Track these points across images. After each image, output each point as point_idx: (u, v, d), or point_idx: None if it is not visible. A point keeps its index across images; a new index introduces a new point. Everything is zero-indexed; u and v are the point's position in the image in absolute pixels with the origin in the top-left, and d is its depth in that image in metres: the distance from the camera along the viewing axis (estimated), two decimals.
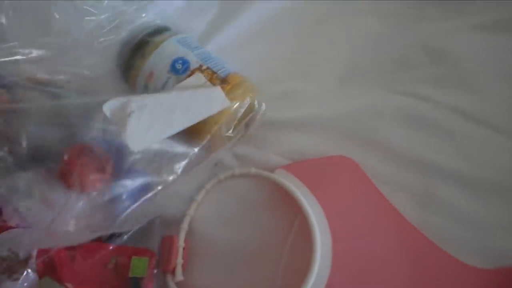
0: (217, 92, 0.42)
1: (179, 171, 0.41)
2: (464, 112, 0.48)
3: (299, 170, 0.45)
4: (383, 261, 0.41)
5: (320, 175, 0.45)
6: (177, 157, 0.41)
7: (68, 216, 0.41)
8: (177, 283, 0.43)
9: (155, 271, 0.42)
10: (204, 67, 0.44)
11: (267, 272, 0.44)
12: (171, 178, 0.41)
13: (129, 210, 0.41)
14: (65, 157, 0.40)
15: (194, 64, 0.44)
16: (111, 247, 0.42)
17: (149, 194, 0.42)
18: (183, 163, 0.41)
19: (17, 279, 0.38)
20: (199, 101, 0.40)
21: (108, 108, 0.37)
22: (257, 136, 0.49)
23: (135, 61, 0.46)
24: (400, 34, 0.54)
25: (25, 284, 0.38)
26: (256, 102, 0.46)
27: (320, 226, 0.41)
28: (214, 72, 0.42)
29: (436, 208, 0.44)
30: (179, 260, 0.44)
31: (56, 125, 0.42)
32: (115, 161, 0.41)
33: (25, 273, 0.38)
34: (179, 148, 0.41)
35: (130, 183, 0.42)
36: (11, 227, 0.40)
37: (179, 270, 0.44)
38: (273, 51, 0.53)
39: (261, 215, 0.46)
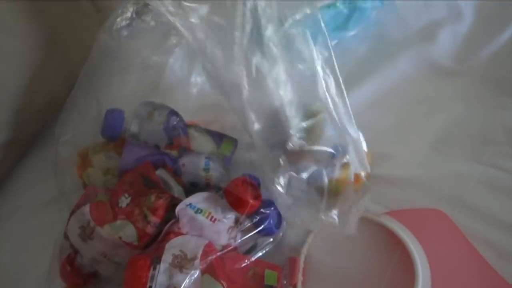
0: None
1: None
2: None
3: (401, 217, 0.56)
4: None
5: (419, 222, 0.56)
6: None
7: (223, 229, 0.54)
8: None
9: (285, 282, 0.54)
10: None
11: None
12: None
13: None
14: (233, 185, 0.53)
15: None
16: (252, 259, 0.54)
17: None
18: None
19: (186, 273, 0.50)
20: None
21: None
22: None
23: None
24: (481, 116, 0.66)
25: (192, 277, 0.50)
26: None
27: (421, 261, 0.51)
28: None
29: None
30: (300, 277, 0.55)
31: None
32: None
33: (192, 270, 0.51)
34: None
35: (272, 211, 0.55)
36: (181, 234, 0.54)
37: (299, 285, 0.55)
38: (378, 120, 0.66)
39: (364, 250, 0.57)
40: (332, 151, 0.56)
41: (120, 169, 0.59)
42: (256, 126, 0.55)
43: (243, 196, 0.52)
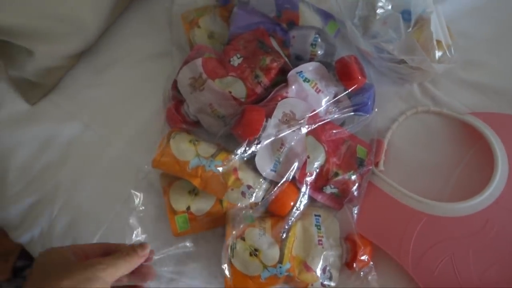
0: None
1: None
2: None
3: (485, 117, 0.61)
4: None
5: (503, 124, 0.60)
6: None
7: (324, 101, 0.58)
8: (379, 171, 0.60)
9: (372, 158, 0.59)
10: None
11: (438, 183, 0.60)
12: None
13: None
14: (345, 59, 0.57)
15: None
16: (347, 132, 0.59)
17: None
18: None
19: (294, 130, 0.55)
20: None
21: None
22: (449, 86, 0.66)
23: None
24: None
25: (298, 135, 0.55)
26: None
27: (501, 155, 0.56)
28: None
29: None
30: (382, 157, 0.61)
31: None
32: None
33: (299, 128, 0.55)
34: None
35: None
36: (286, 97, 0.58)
37: (381, 163, 0.60)
38: (475, 28, 0.68)
39: (442, 143, 0.63)
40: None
41: (231, 32, 0.61)
42: None
43: (354, 70, 0.56)
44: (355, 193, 0.57)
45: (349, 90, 0.57)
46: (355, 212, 0.58)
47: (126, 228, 0.57)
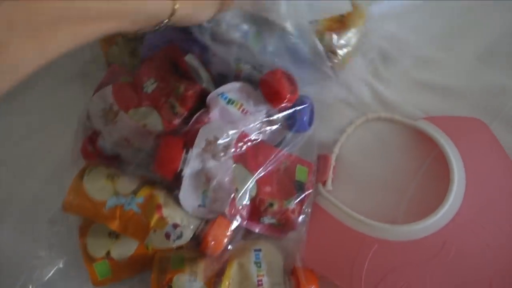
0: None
1: None
2: None
3: (439, 122, 0.54)
4: (502, 202, 0.50)
5: (457, 129, 0.54)
6: None
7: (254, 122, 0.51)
8: (327, 191, 0.54)
9: (314, 179, 0.53)
10: None
11: (393, 200, 0.54)
12: None
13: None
14: (270, 75, 0.50)
15: None
16: (283, 152, 0.52)
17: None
18: None
19: (219, 160, 0.49)
20: None
21: None
22: (400, 89, 0.59)
23: None
24: None
25: (225, 165, 0.49)
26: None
27: (457, 164, 0.50)
28: None
29: None
30: (330, 174, 0.54)
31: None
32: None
33: (225, 158, 0.49)
34: None
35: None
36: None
37: (329, 182, 0.54)
38: (425, 23, 0.62)
39: (396, 154, 0.56)
40: None
41: (142, 56, 0.55)
42: None
43: (280, 88, 0.49)
44: (298, 220, 0.51)
45: (276, 109, 0.50)
46: (300, 241, 0.51)
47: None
